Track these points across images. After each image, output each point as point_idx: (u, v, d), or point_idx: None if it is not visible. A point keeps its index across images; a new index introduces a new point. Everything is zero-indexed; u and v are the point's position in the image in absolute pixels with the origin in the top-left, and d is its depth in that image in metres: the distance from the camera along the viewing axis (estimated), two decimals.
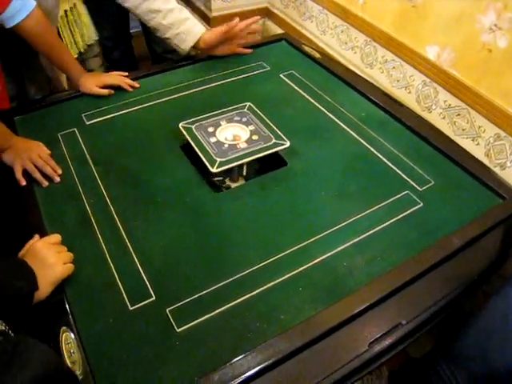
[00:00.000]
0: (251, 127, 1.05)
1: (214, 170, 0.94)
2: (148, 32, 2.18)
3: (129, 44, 2.16)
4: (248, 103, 1.10)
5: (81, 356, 0.71)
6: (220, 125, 1.04)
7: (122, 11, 1.53)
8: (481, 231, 0.91)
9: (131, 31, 2.17)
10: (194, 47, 1.34)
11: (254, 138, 1.02)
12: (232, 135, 1.03)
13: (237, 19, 1.32)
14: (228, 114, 1.09)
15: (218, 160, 0.95)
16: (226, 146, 1.00)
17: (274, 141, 1.01)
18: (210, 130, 1.04)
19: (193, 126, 1.04)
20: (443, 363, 1.04)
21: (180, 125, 1.04)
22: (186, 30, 1.30)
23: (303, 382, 0.71)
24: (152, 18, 1.30)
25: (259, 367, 0.70)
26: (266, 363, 0.70)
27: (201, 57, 1.40)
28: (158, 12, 1.28)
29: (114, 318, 0.77)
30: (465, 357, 0.99)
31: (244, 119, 1.07)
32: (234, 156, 0.97)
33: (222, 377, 0.69)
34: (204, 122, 1.07)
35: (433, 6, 1.29)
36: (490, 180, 1.02)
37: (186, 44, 1.32)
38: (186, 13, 1.32)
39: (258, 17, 1.19)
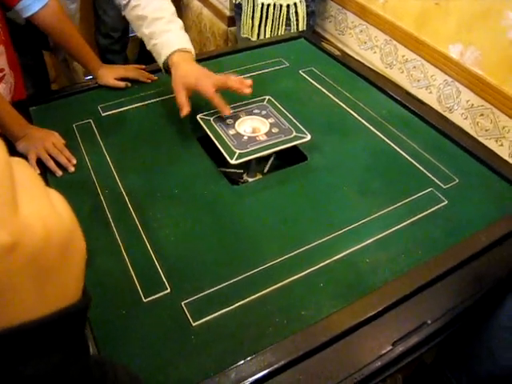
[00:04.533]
0: (271, 120, 1.02)
1: (233, 161, 0.92)
2: None
3: (124, 46, 2.18)
4: (267, 96, 1.08)
5: (91, 347, 0.68)
6: (239, 117, 1.02)
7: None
8: (508, 230, 0.87)
9: (130, 35, 2.20)
10: (167, 69, 1.08)
11: (274, 130, 1.00)
12: (251, 128, 1.01)
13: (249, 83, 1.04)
14: (247, 107, 1.07)
15: (238, 152, 0.93)
16: (246, 138, 0.97)
17: (294, 134, 0.98)
18: (229, 122, 1.01)
19: (211, 118, 1.02)
20: (446, 368, 1.01)
21: (198, 116, 1.02)
22: (162, 43, 1.07)
23: (323, 381, 0.68)
24: (139, 26, 1.12)
25: (278, 364, 0.67)
26: (286, 360, 0.67)
27: (219, 52, 1.38)
28: (145, 19, 1.09)
29: (127, 310, 0.74)
30: (470, 358, 0.96)
31: (263, 112, 1.04)
32: (253, 148, 0.95)
33: (239, 373, 0.66)
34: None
35: (457, 3, 1.26)
36: None
37: (160, 58, 1.08)
38: (173, 25, 1.09)
39: (250, 82, 1.01)
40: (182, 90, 1.01)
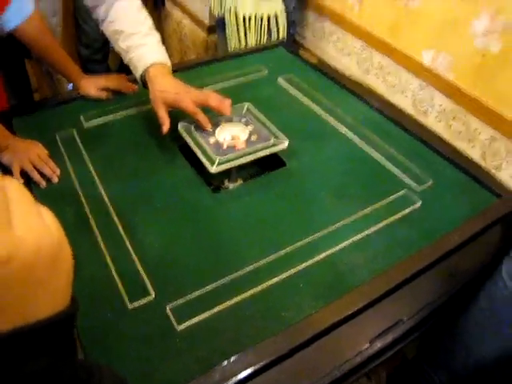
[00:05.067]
0: (250, 127, 1.05)
1: (213, 169, 0.94)
2: None
3: (106, 56, 2.19)
4: (247, 104, 1.11)
5: (78, 353, 0.70)
6: (219, 125, 1.05)
7: None
8: (479, 229, 0.91)
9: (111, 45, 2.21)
10: (144, 82, 1.08)
11: (253, 138, 1.02)
12: (231, 135, 1.03)
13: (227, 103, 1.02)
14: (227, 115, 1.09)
15: (217, 160, 0.95)
16: (225, 146, 1.00)
17: (272, 140, 1.01)
18: (209, 130, 1.04)
19: (191, 126, 1.04)
20: (425, 363, 1.05)
21: (179, 125, 1.05)
22: (139, 56, 1.06)
23: (305, 379, 0.71)
24: (116, 41, 1.10)
25: (260, 364, 0.69)
26: (267, 360, 0.70)
27: (200, 60, 1.41)
28: (121, 33, 1.08)
29: (112, 316, 0.76)
30: (446, 353, 1.00)
31: (243, 120, 1.07)
32: (233, 156, 0.97)
33: (222, 374, 0.68)
34: None
35: (427, 11, 1.31)
36: (485, 179, 1.03)
37: (137, 72, 1.08)
38: (150, 39, 1.08)
39: (229, 102, 1.00)
40: (162, 106, 1.01)
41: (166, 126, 1.00)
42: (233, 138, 1.02)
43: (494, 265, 0.89)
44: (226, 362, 0.69)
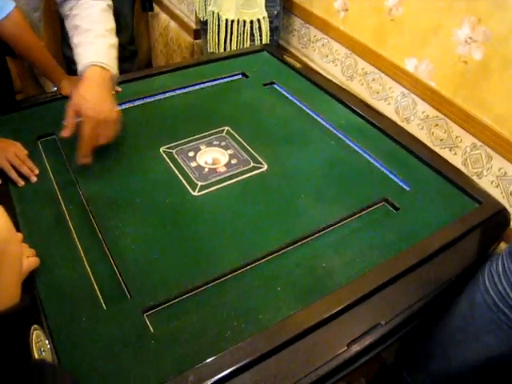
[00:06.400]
0: (230, 151, 1.08)
1: (195, 193, 0.97)
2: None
3: None
4: (226, 127, 1.14)
5: (51, 355, 0.68)
6: (200, 149, 1.08)
7: None
8: (458, 234, 0.92)
9: None
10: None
11: (233, 161, 1.06)
12: (212, 159, 1.07)
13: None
14: (207, 139, 1.12)
15: (199, 184, 0.99)
16: (207, 170, 1.03)
17: (252, 164, 1.05)
18: (191, 154, 1.07)
19: (173, 151, 1.07)
20: (403, 369, 1.05)
21: (161, 149, 1.08)
22: (84, 53, 1.03)
23: (281, 381, 0.70)
24: (71, 36, 1.08)
25: (236, 366, 0.69)
26: (244, 362, 0.69)
27: (183, 64, 1.41)
28: (78, 28, 1.06)
29: (87, 318, 0.75)
30: (425, 358, 1.00)
31: (223, 143, 1.11)
32: (214, 180, 1.01)
33: (198, 376, 0.67)
34: (184, 146, 1.10)
35: (410, 19, 1.32)
36: (466, 185, 1.04)
37: (78, 69, 1.04)
38: (102, 40, 1.05)
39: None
40: (73, 113, 0.99)
41: (65, 133, 1.00)
42: (214, 161, 1.06)
43: (474, 270, 0.89)
44: (200, 364, 0.68)
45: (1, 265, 0.29)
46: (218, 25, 1.61)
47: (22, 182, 0.97)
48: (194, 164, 1.04)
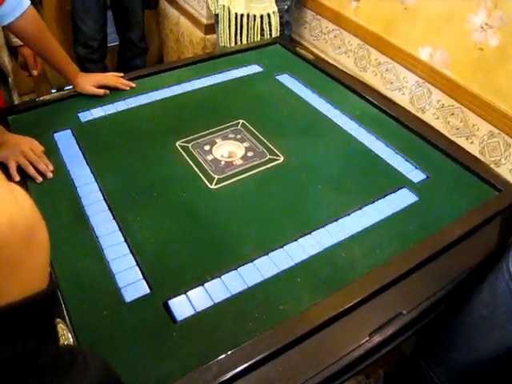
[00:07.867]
0: (245, 144, 1.08)
1: (212, 186, 0.97)
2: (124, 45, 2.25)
3: (103, 56, 2.19)
4: (241, 120, 1.14)
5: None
6: (216, 142, 1.08)
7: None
8: (479, 222, 0.91)
9: (109, 44, 2.22)
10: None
11: (249, 154, 1.06)
12: (228, 152, 1.06)
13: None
14: (223, 132, 1.12)
15: (216, 177, 0.99)
16: (223, 163, 1.03)
17: (268, 157, 1.05)
18: (207, 148, 1.07)
19: (189, 145, 1.07)
20: (422, 360, 1.04)
21: (177, 144, 1.08)
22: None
23: (305, 371, 0.69)
24: None
25: (258, 357, 0.68)
26: (265, 353, 0.69)
27: (196, 58, 1.40)
28: None
29: (109, 311, 0.75)
30: (446, 348, 0.99)
31: (238, 136, 1.10)
32: (231, 173, 1.01)
33: (220, 367, 0.67)
34: (200, 140, 1.10)
35: (423, 7, 1.31)
36: (485, 173, 1.02)
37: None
38: None
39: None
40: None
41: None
42: (230, 154, 1.05)
43: (496, 258, 0.88)
44: (223, 356, 0.68)
45: (32, 247, 0.29)
46: (229, 19, 1.60)
47: (40, 178, 0.98)
48: (210, 157, 1.04)
